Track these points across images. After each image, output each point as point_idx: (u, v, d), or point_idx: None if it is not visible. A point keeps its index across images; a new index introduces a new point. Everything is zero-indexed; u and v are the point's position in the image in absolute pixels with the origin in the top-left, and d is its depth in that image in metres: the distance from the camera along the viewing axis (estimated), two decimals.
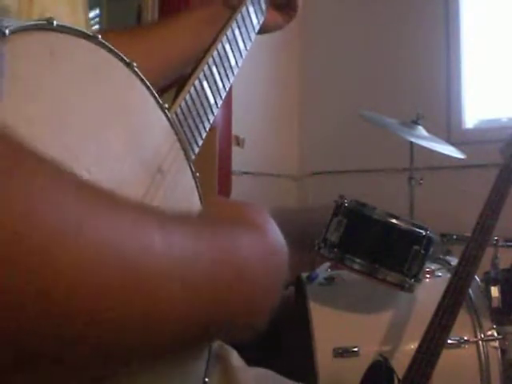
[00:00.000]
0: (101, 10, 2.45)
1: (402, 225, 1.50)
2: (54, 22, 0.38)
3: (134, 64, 0.48)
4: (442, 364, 1.21)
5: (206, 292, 0.34)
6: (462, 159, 1.84)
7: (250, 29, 0.78)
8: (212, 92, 0.66)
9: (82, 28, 0.42)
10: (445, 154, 1.81)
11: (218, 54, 0.69)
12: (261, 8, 0.82)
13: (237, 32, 0.74)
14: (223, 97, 0.68)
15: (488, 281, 1.52)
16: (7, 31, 0.33)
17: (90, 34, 0.42)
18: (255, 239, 0.41)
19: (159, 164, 0.50)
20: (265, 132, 2.81)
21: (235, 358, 0.69)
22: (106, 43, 0.44)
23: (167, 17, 0.88)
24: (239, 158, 2.32)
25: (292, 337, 1.75)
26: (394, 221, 1.50)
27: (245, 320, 0.39)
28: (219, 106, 0.68)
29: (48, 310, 0.25)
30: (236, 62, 0.73)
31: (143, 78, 0.49)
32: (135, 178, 0.47)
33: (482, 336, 1.46)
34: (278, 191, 2.88)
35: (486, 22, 2.56)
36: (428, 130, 1.87)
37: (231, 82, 0.72)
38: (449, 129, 2.51)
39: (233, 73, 0.72)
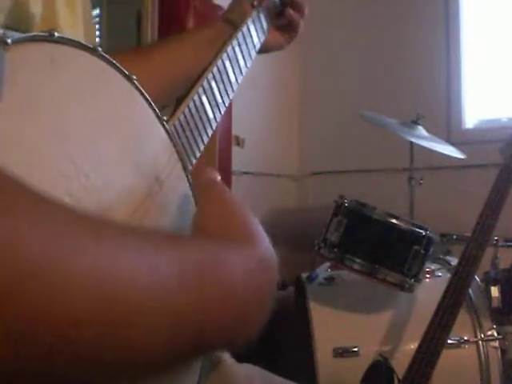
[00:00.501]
0: (101, 11, 2.45)
1: (402, 225, 1.50)
2: (56, 34, 0.39)
3: (134, 77, 0.49)
4: (442, 364, 1.21)
5: (194, 312, 0.33)
6: (462, 159, 1.84)
7: (251, 47, 0.80)
8: (211, 107, 0.67)
9: (81, 39, 0.43)
10: (445, 154, 1.81)
11: (218, 69, 0.70)
12: (262, 27, 0.84)
13: (237, 49, 0.75)
14: (222, 112, 0.70)
15: (488, 281, 1.52)
16: (9, 40, 0.35)
17: (91, 46, 0.44)
18: (246, 254, 0.41)
19: (157, 174, 0.51)
20: (265, 132, 2.81)
21: (225, 353, 0.70)
22: (106, 56, 0.45)
23: (169, 35, 0.90)
24: (239, 158, 2.32)
25: (292, 337, 1.75)
26: (394, 221, 1.50)
27: (236, 335, 0.39)
28: (218, 120, 0.69)
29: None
30: (236, 79, 0.75)
31: (143, 90, 0.50)
32: (133, 186, 0.47)
33: (482, 336, 1.46)
34: (278, 191, 2.88)
35: (485, 22, 2.56)
36: (428, 130, 1.87)
37: (231, 97, 0.73)
38: (449, 129, 2.51)
39: (232, 89, 0.74)
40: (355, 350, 1.47)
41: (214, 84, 0.68)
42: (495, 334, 1.46)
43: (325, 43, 2.92)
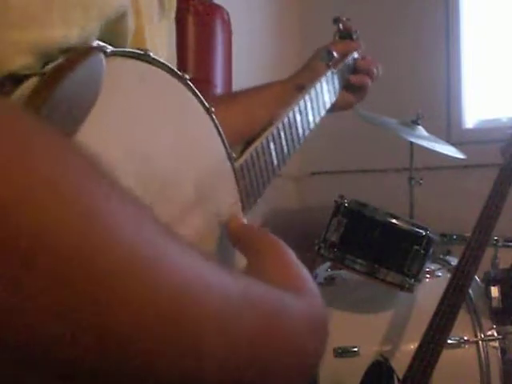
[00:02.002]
0: None
1: (402, 225, 1.50)
2: (150, 54, 0.42)
3: (213, 109, 0.50)
4: (442, 364, 1.21)
5: (255, 359, 0.32)
6: (462, 159, 1.84)
7: (321, 104, 0.83)
8: (277, 154, 0.68)
9: (174, 66, 0.44)
10: (445, 154, 1.81)
11: (289, 120, 0.71)
12: (334, 88, 0.88)
13: (309, 104, 0.78)
14: (286, 162, 0.70)
15: (488, 281, 1.52)
16: (108, 50, 0.37)
17: (180, 73, 0.46)
18: (303, 307, 0.39)
19: (217, 211, 0.51)
20: None
21: None
22: (192, 85, 0.47)
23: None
24: None
25: None
26: (393, 221, 1.50)
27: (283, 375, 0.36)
28: (280, 169, 0.69)
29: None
30: (303, 133, 0.76)
31: (218, 126, 0.52)
32: (197, 224, 0.48)
33: (482, 336, 1.46)
34: (278, 191, 2.88)
35: (486, 22, 2.56)
36: (428, 130, 1.87)
37: (296, 151, 0.74)
38: (449, 129, 2.51)
39: (299, 142, 0.75)
40: (355, 349, 1.47)
41: (282, 134, 0.69)
42: (495, 334, 1.46)
43: (325, 43, 2.91)
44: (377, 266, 1.48)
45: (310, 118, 0.78)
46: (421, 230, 1.49)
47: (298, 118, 0.74)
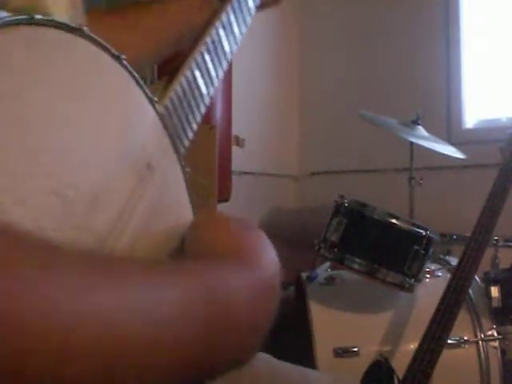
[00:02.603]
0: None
1: (402, 225, 1.50)
2: (35, 16, 0.36)
3: (123, 57, 0.46)
4: (442, 364, 1.21)
5: (198, 345, 0.33)
6: (462, 159, 1.84)
7: (246, 12, 0.74)
8: (204, 81, 0.62)
9: (65, 19, 0.40)
10: (445, 154, 1.81)
11: (212, 40, 0.65)
12: None
13: (232, 17, 0.70)
14: (216, 86, 0.64)
15: (488, 281, 1.52)
16: None
17: (75, 26, 0.40)
18: (244, 277, 0.40)
19: (148, 160, 0.48)
20: (265, 132, 2.81)
21: None
22: (92, 35, 0.42)
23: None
24: (239, 158, 2.31)
25: (292, 337, 1.75)
26: (393, 221, 1.50)
27: (232, 358, 0.38)
28: (211, 95, 0.64)
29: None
30: (230, 49, 0.68)
31: (132, 70, 0.47)
32: (121, 180, 0.45)
33: (482, 336, 1.46)
34: (278, 191, 2.88)
35: (485, 21, 2.56)
36: (428, 130, 1.87)
37: (224, 69, 0.67)
38: (449, 129, 2.51)
39: (226, 60, 0.67)
40: (355, 349, 1.47)
41: (207, 57, 0.63)
42: (495, 334, 1.46)
43: (325, 43, 2.92)
44: (377, 265, 1.48)
45: (236, 30, 0.70)
46: (421, 230, 1.49)
47: (222, 33, 0.66)
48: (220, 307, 0.36)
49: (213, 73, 0.64)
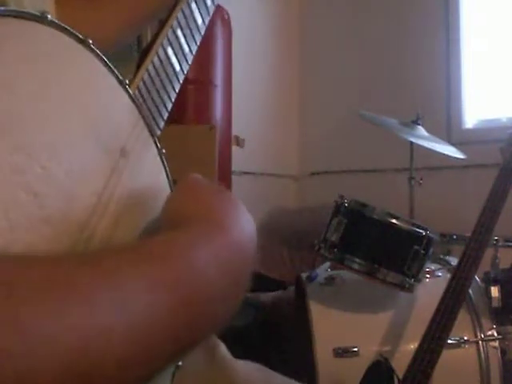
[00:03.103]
0: None
1: (402, 225, 1.50)
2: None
3: (90, 41, 0.45)
4: (442, 364, 1.21)
5: (168, 329, 0.33)
6: (462, 159, 1.84)
7: None
8: (177, 58, 0.60)
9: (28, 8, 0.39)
10: (445, 154, 1.81)
11: (184, 14, 0.62)
12: None
13: None
14: (190, 62, 0.62)
15: (488, 281, 1.52)
16: None
17: (38, 13, 0.39)
18: (217, 245, 0.40)
19: (122, 145, 0.48)
20: (265, 132, 2.81)
21: (223, 349, 0.69)
22: (56, 21, 0.41)
23: None
24: (239, 158, 2.32)
25: (292, 337, 1.75)
26: (393, 221, 1.50)
27: (211, 328, 0.39)
28: (186, 72, 0.62)
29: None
30: (203, 21, 0.66)
31: (100, 53, 0.46)
32: (96, 166, 0.44)
33: (482, 336, 1.46)
34: (278, 191, 2.88)
35: (486, 21, 2.56)
36: (428, 130, 1.87)
37: (198, 43, 0.65)
38: (449, 129, 2.51)
39: (200, 33, 0.65)
40: (355, 349, 1.47)
41: (179, 32, 0.61)
42: (495, 334, 1.46)
43: (325, 43, 2.92)
44: (377, 265, 1.48)
45: (208, 1, 0.68)
46: (421, 230, 1.49)
47: (194, 6, 0.64)
48: (192, 284, 0.36)
49: (186, 48, 0.62)
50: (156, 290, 0.33)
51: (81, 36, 0.44)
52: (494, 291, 1.49)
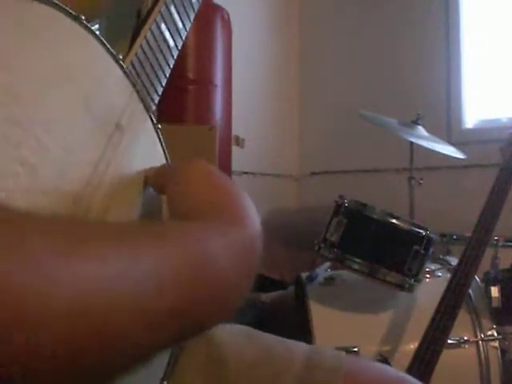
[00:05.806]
0: None
1: (402, 225, 1.50)
2: None
3: (82, 17, 0.45)
4: (442, 364, 1.21)
5: (175, 311, 0.33)
6: (462, 159, 1.84)
7: None
8: (171, 34, 0.60)
9: None
10: (445, 154, 1.81)
11: None
12: None
13: None
14: (184, 38, 0.62)
15: (488, 281, 1.52)
16: None
17: None
18: (231, 240, 0.40)
19: (117, 120, 0.48)
20: (265, 132, 2.81)
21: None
22: None
23: None
24: (239, 158, 2.31)
25: (292, 337, 1.75)
26: (393, 221, 1.50)
27: (217, 318, 0.39)
28: (180, 48, 0.62)
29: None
30: None
31: (92, 29, 0.46)
32: (91, 140, 0.45)
33: (482, 336, 1.46)
34: (278, 191, 2.88)
35: (485, 21, 2.56)
36: (428, 130, 1.87)
37: (192, 20, 0.65)
38: (449, 129, 2.51)
39: (194, 10, 0.64)
40: (355, 350, 1.47)
41: (173, 8, 0.60)
42: (495, 334, 1.46)
43: (325, 43, 2.92)
44: (377, 266, 1.48)
45: None
46: (421, 230, 1.49)
47: None
48: (204, 271, 0.36)
49: (179, 24, 0.62)
50: (171, 268, 0.33)
51: (73, 12, 0.44)
52: (494, 291, 1.49)
